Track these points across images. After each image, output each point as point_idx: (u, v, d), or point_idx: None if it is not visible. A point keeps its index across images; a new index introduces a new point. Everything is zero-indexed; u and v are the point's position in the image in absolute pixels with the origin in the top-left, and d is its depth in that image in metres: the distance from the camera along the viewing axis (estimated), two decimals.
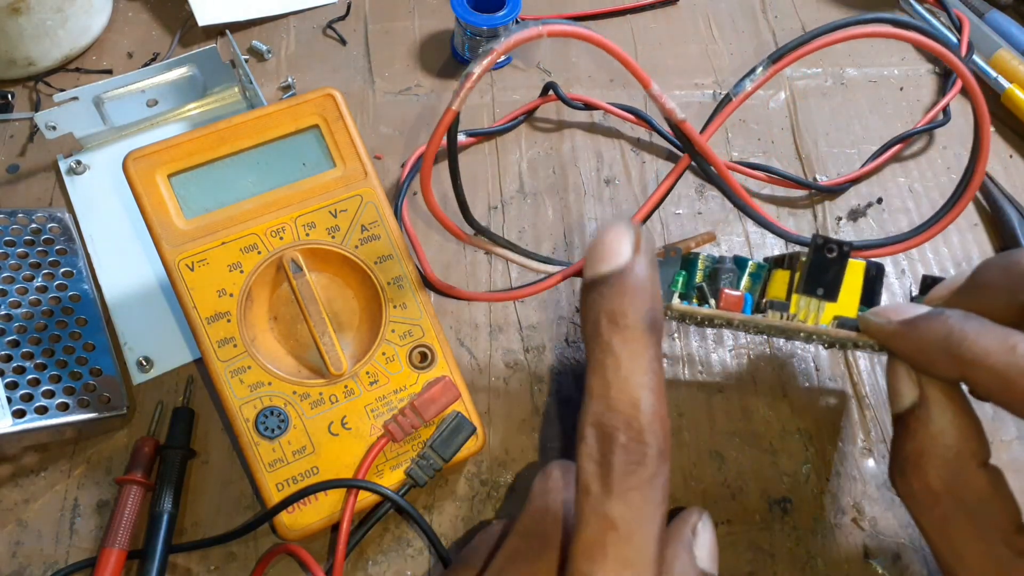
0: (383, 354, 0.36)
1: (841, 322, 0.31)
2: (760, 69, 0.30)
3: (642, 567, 0.20)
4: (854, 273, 0.32)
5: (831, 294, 0.30)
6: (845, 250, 0.30)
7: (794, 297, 0.31)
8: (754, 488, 0.38)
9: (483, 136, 0.49)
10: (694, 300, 0.32)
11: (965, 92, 0.50)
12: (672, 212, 0.46)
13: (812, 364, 0.41)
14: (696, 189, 0.47)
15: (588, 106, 0.49)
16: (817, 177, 0.48)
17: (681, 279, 0.33)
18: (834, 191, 0.47)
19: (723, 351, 0.42)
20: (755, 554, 0.36)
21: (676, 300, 0.32)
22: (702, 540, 0.26)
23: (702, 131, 0.32)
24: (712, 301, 0.32)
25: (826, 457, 0.39)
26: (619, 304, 0.22)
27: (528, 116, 0.50)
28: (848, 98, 0.52)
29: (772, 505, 0.37)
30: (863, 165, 0.48)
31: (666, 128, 0.48)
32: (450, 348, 0.37)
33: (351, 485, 0.34)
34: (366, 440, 0.35)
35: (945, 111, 0.50)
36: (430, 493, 0.37)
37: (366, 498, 0.35)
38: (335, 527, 0.35)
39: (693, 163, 0.33)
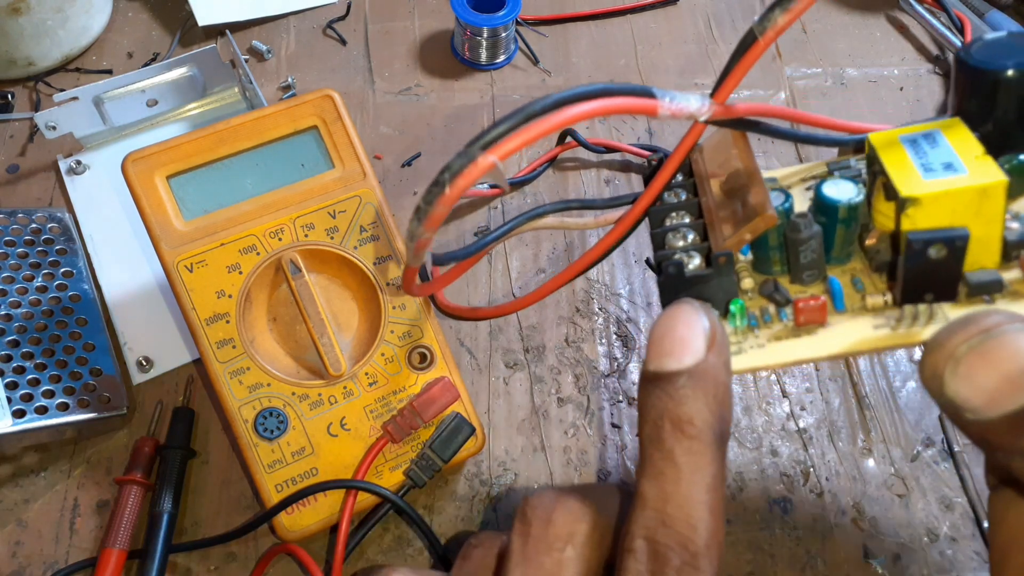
0: (382, 355, 0.36)
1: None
2: None
3: None
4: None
5: (948, 295, 0.22)
6: (959, 244, 0.21)
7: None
8: (754, 488, 0.38)
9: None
10: (770, 308, 0.23)
11: None
12: None
13: (812, 364, 0.41)
14: None
15: (609, 149, 0.47)
16: None
17: (738, 309, 0.23)
18: None
19: None
20: (755, 554, 0.36)
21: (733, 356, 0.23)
22: None
23: (718, 86, 0.22)
24: (789, 308, 0.23)
25: (826, 457, 0.39)
26: (687, 410, 0.19)
27: (552, 163, 0.48)
28: (848, 98, 0.51)
29: (772, 505, 0.37)
30: None
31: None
32: (449, 349, 0.37)
33: (350, 486, 0.34)
34: (365, 441, 0.35)
35: None
36: (430, 493, 0.37)
37: (366, 499, 0.35)
38: (335, 528, 0.35)
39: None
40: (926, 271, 0.21)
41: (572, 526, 0.21)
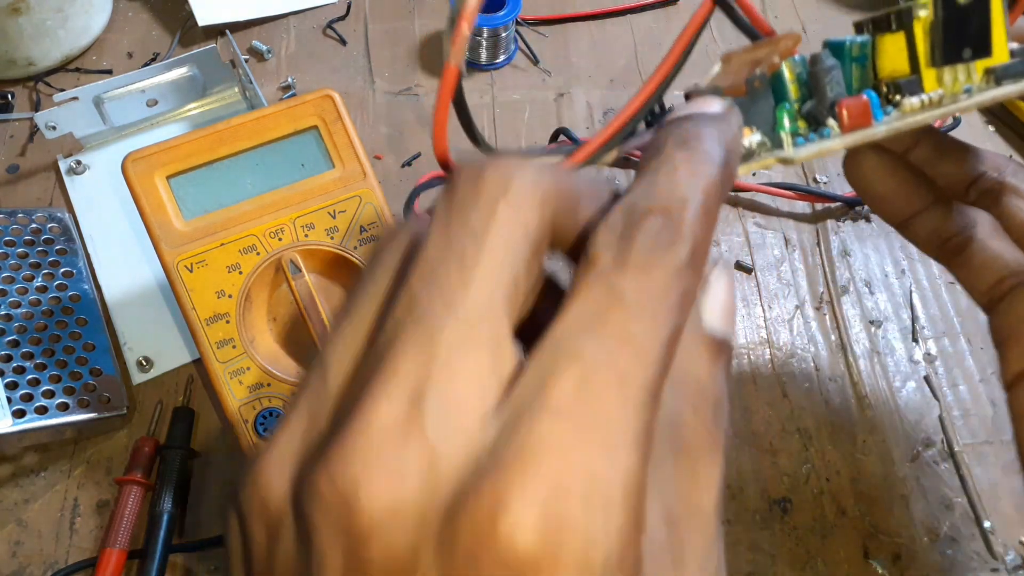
0: None
1: (1000, 74, 0.23)
2: None
3: (648, 349, 0.15)
4: None
5: (982, 48, 0.22)
6: None
7: (927, 72, 0.23)
8: (754, 488, 0.38)
9: None
10: (808, 133, 0.23)
11: None
12: None
13: (812, 364, 0.41)
14: None
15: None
16: (817, 178, 0.48)
17: (787, 113, 0.23)
18: (860, 201, 0.47)
19: None
20: (755, 554, 0.36)
21: (790, 146, 0.22)
22: (713, 293, 0.19)
23: None
24: (832, 122, 0.22)
25: (826, 457, 0.39)
26: (695, 129, 0.18)
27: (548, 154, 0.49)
28: None
29: (772, 505, 0.37)
30: None
31: None
32: None
33: None
34: None
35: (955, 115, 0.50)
36: None
37: None
38: None
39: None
40: (959, 19, 0.22)
41: (509, 176, 0.16)
